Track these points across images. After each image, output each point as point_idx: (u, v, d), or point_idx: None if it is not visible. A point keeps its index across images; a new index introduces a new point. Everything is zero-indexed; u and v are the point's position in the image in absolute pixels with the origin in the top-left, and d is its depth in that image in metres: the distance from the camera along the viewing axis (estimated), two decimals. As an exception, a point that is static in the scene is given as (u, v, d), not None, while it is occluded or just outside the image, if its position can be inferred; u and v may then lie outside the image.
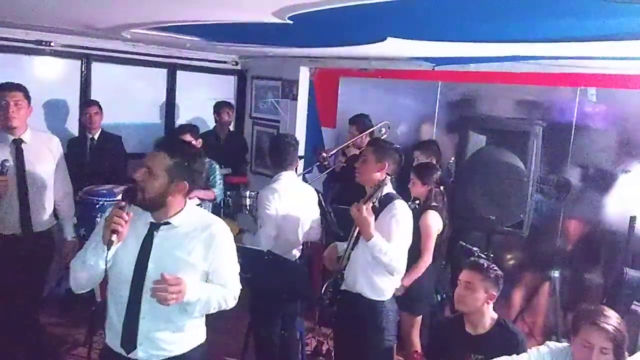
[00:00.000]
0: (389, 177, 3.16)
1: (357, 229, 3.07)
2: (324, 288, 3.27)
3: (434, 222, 3.87)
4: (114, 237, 2.14)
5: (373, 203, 2.96)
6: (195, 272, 2.31)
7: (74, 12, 3.54)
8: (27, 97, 3.61)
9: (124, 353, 2.30)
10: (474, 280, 2.85)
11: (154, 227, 2.29)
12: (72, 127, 5.54)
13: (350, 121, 5.23)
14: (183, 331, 2.37)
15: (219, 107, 6.07)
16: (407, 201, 3.43)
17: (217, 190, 4.54)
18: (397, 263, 3.04)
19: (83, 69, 5.63)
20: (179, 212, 2.33)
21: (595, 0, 1.84)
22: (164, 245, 2.28)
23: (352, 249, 3.18)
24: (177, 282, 2.15)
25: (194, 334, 2.45)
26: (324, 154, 5.13)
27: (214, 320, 2.46)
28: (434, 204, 3.93)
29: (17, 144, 3.57)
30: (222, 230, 2.39)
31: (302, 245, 3.83)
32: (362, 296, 3.17)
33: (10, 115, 3.50)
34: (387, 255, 2.97)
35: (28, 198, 3.57)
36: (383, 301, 3.19)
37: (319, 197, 3.93)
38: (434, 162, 4.45)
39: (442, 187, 4.06)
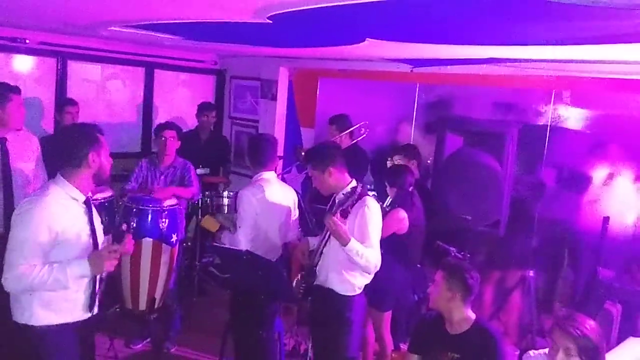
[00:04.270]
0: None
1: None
2: (295, 282, 3.39)
3: (392, 220, 3.88)
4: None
5: (343, 210, 3.02)
6: None
7: (53, 8, 3.50)
8: None
9: (82, 318, 2.62)
10: (438, 278, 2.93)
11: (89, 202, 2.65)
12: (47, 125, 5.46)
13: (330, 121, 5.24)
14: None
15: (201, 108, 6.02)
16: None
17: (195, 189, 4.52)
18: (374, 262, 3.11)
19: (59, 67, 5.56)
20: None
21: (571, 3, 1.87)
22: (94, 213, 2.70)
23: (325, 245, 3.25)
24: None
25: None
26: (304, 153, 5.13)
27: (192, 320, 2.50)
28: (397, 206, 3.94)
29: (2, 143, 3.55)
30: None
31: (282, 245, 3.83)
32: (333, 291, 3.27)
33: (22, 119, 3.68)
34: (363, 257, 3.05)
35: (13, 196, 3.54)
36: (352, 296, 3.28)
37: (297, 197, 3.93)
38: (415, 164, 4.46)
39: (410, 188, 4.07)
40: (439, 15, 2.44)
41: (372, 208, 3.19)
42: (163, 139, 4.49)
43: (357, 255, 3.03)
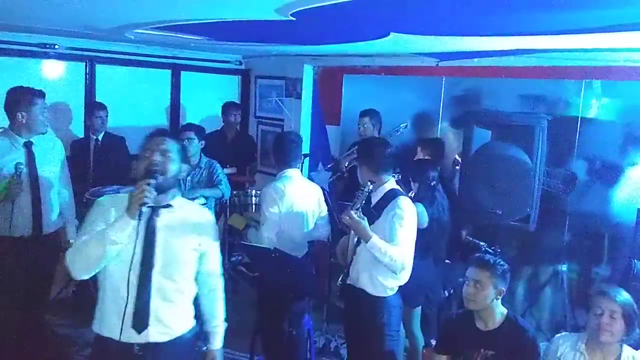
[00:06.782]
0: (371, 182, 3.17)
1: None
2: (340, 279, 3.32)
3: None
4: (145, 209, 2.19)
5: (357, 209, 3.00)
6: (196, 253, 2.46)
7: (78, 12, 3.55)
8: None
9: (132, 338, 2.33)
10: (482, 278, 2.84)
11: (154, 211, 2.32)
12: (77, 129, 5.56)
13: (362, 113, 5.15)
14: (180, 311, 2.50)
15: (227, 108, 6.08)
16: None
17: (224, 187, 4.53)
18: (400, 261, 3.03)
19: (87, 71, 5.66)
20: (176, 196, 2.43)
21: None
22: (167, 228, 2.36)
23: (358, 244, 3.21)
24: None
25: (188, 316, 2.58)
26: (343, 168, 5.10)
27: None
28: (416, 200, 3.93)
29: (28, 146, 3.61)
30: (211, 216, 2.62)
31: (308, 242, 3.83)
32: (364, 291, 3.22)
33: (47, 122, 3.70)
34: (387, 255, 2.99)
35: (40, 200, 3.60)
36: (385, 297, 3.21)
37: (324, 194, 3.92)
38: (431, 159, 4.43)
39: (432, 183, 4.04)
40: (464, 7, 2.41)
41: (403, 208, 3.12)
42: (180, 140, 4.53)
43: (380, 253, 2.99)
